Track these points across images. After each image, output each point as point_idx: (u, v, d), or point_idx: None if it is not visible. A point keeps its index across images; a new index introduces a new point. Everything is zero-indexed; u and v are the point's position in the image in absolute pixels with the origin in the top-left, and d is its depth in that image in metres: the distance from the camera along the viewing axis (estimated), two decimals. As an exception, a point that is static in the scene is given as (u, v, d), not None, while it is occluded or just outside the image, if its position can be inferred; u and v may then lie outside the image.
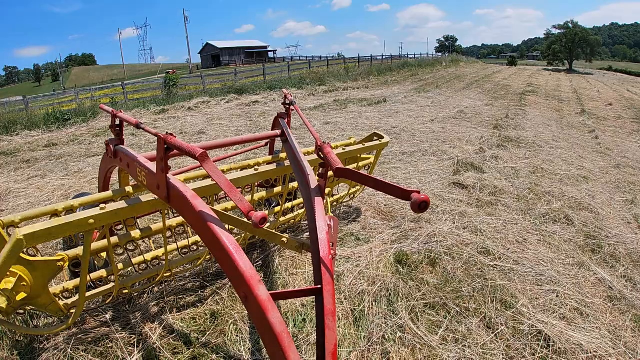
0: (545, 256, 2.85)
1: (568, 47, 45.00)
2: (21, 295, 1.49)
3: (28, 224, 1.54)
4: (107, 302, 2.07)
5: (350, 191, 3.16)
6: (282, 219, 2.62)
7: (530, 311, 2.18)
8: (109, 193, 1.98)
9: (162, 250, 2.05)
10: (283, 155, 2.66)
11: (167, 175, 1.48)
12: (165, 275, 2.15)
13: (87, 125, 9.29)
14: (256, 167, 2.15)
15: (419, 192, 1.09)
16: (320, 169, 1.73)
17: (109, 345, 1.92)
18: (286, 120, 2.62)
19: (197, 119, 9.12)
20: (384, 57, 29.55)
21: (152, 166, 1.61)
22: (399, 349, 1.86)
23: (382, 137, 3.01)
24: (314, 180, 1.73)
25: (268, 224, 2.48)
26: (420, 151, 5.71)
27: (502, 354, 1.88)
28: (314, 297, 1.29)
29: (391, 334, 1.95)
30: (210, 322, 2.09)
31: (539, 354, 1.90)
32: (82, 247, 1.65)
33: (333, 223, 1.55)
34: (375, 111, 9.49)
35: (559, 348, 1.94)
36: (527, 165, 5.17)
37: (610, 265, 2.86)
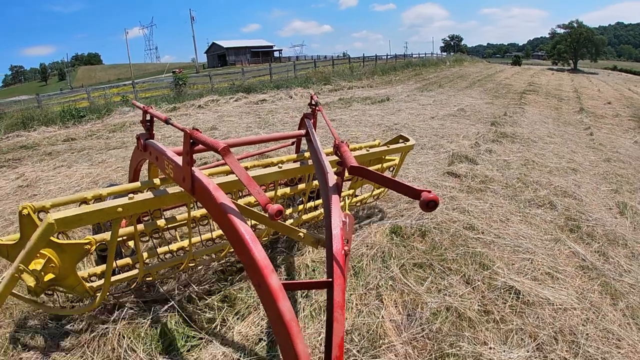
0: (525, 232, 3.19)
1: (573, 47, 44.94)
2: (49, 276, 1.56)
3: (57, 210, 1.60)
4: (132, 287, 2.09)
5: (374, 192, 3.11)
6: (304, 216, 2.64)
7: (504, 272, 2.54)
8: (137, 184, 2.02)
9: (187, 241, 2.09)
10: (307, 154, 2.63)
11: (192, 168, 1.54)
12: (189, 264, 2.18)
13: (102, 121, 9.68)
14: (279, 165, 2.21)
15: (429, 192, 1.11)
16: (338, 167, 1.78)
17: (118, 336, 1.91)
18: (312, 120, 2.61)
19: (208, 116, 9.50)
20: (388, 57, 29.67)
21: (179, 160, 1.67)
22: (390, 293, 2.25)
23: (408, 140, 2.97)
24: (332, 179, 1.77)
25: (291, 220, 2.55)
26: (419, 145, 6.03)
27: (478, 303, 2.24)
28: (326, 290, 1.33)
29: (384, 282, 2.34)
30: (226, 310, 2.12)
31: (509, 303, 2.26)
32: (109, 232, 1.69)
33: (348, 220, 1.57)
34: (378, 109, 9.81)
35: (528, 300, 2.29)
36: (519, 158, 5.46)
37: (586, 242, 3.15)
